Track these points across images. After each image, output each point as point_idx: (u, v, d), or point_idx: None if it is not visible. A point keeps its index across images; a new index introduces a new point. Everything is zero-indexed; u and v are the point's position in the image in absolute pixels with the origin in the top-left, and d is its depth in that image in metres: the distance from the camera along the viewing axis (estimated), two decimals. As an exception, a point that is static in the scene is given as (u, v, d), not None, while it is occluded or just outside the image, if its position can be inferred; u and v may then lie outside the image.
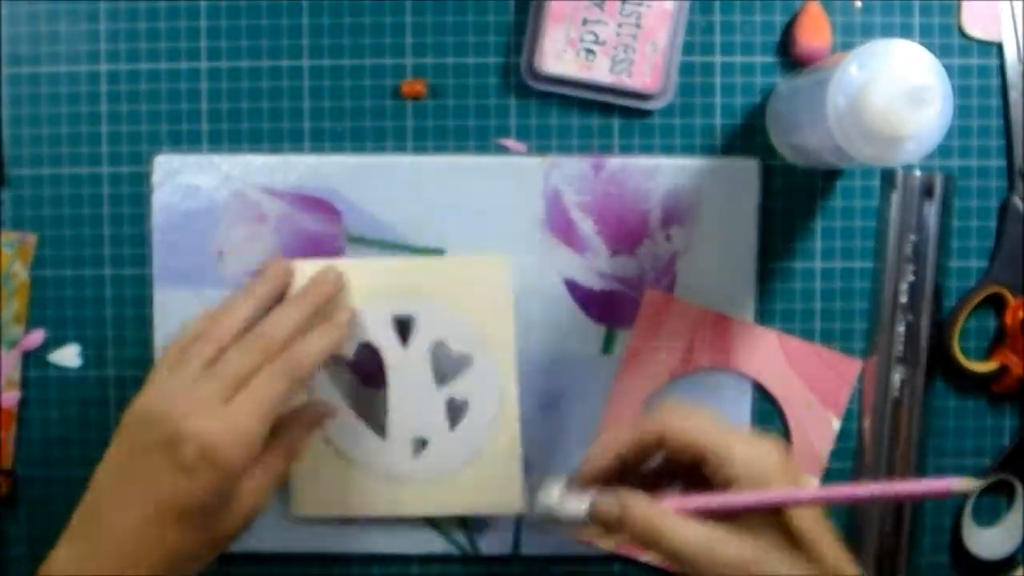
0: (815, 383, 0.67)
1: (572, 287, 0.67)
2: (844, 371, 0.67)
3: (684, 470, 0.53)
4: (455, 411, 0.64)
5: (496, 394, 0.64)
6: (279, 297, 0.62)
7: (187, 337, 0.58)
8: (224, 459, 0.52)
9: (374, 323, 0.63)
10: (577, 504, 0.53)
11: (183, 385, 0.55)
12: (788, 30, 0.67)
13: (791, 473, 0.51)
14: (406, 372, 0.64)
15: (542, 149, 0.67)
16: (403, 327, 0.64)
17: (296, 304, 0.60)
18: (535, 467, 0.67)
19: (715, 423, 0.52)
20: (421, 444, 0.64)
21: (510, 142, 0.67)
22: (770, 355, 0.67)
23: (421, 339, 0.64)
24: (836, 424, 0.67)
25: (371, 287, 0.63)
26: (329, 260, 0.64)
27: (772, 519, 0.50)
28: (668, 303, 0.67)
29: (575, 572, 0.68)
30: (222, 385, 0.55)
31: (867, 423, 0.67)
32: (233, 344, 0.57)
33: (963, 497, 0.66)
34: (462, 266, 0.64)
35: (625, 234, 0.67)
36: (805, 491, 0.51)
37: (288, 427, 0.59)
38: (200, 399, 0.54)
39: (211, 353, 0.56)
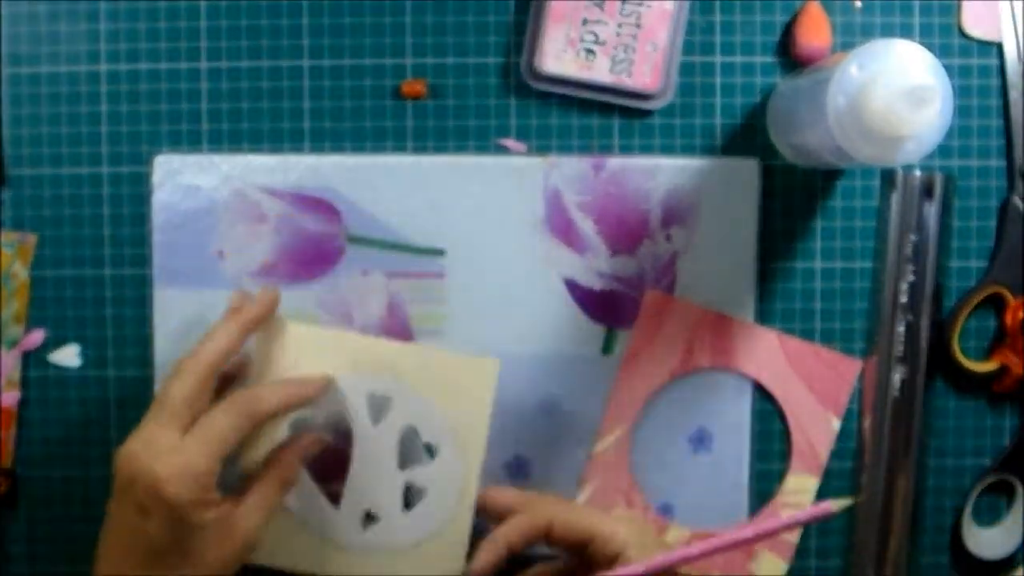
0: (815, 383, 0.67)
1: (572, 287, 0.67)
2: (844, 371, 0.67)
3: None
4: (411, 496, 0.63)
5: (456, 492, 0.62)
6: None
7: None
8: (170, 496, 0.53)
9: (349, 395, 0.62)
10: None
11: (142, 425, 0.56)
12: (788, 30, 0.67)
13: (666, 544, 0.60)
14: (372, 449, 0.62)
15: (542, 149, 0.67)
16: (377, 406, 0.63)
17: (224, 322, 0.59)
18: (535, 467, 0.67)
19: (595, 510, 0.61)
20: (371, 518, 0.63)
21: (510, 142, 0.67)
22: (770, 355, 0.67)
23: (393, 421, 0.62)
24: (836, 424, 0.67)
25: (353, 360, 0.62)
26: (319, 330, 0.63)
27: None
28: (668, 303, 0.67)
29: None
30: (167, 414, 0.55)
31: (867, 423, 0.67)
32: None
33: (849, 510, 0.65)
34: (449, 363, 0.62)
35: (625, 234, 0.67)
36: (693, 547, 0.56)
37: (281, 455, 0.60)
38: (151, 436, 0.54)
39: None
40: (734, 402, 0.67)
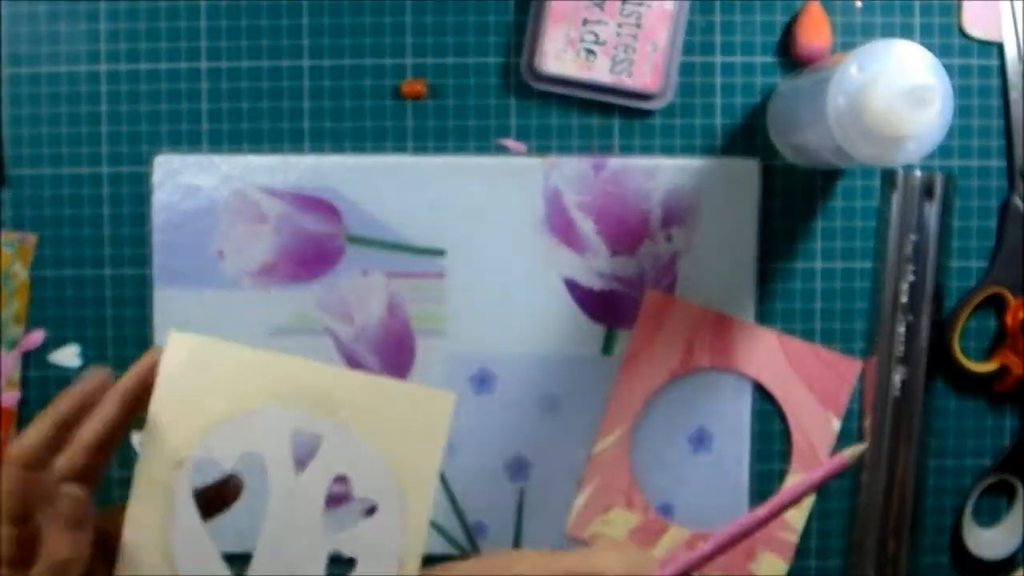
0: (815, 383, 0.67)
1: (572, 287, 0.67)
2: (844, 371, 0.67)
3: None
4: (337, 569, 0.51)
5: (393, 561, 0.50)
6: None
7: None
8: None
9: (269, 434, 0.50)
10: None
11: None
12: (788, 30, 0.67)
13: (656, 559, 0.52)
14: (291, 506, 0.50)
15: (542, 149, 0.67)
16: (303, 448, 0.50)
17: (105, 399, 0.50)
18: (535, 467, 0.67)
19: (572, 552, 0.52)
20: None
21: (510, 142, 0.67)
22: (770, 355, 0.67)
23: (321, 468, 0.50)
24: (836, 424, 0.67)
25: (278, 388, 0.50)
26: (239, 346, 0.51)
27: None
28: (668, 303, 0.67)
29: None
30: None
31: (867, 423, 0.67)
32: None
33: (859, 460, 0.60)
34: (397, 395, 0.51)
35: (625, 234, 0.67)
36: (709, 543, 0.52)
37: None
38: None
39: None
40: (734, 402, 0.67)
